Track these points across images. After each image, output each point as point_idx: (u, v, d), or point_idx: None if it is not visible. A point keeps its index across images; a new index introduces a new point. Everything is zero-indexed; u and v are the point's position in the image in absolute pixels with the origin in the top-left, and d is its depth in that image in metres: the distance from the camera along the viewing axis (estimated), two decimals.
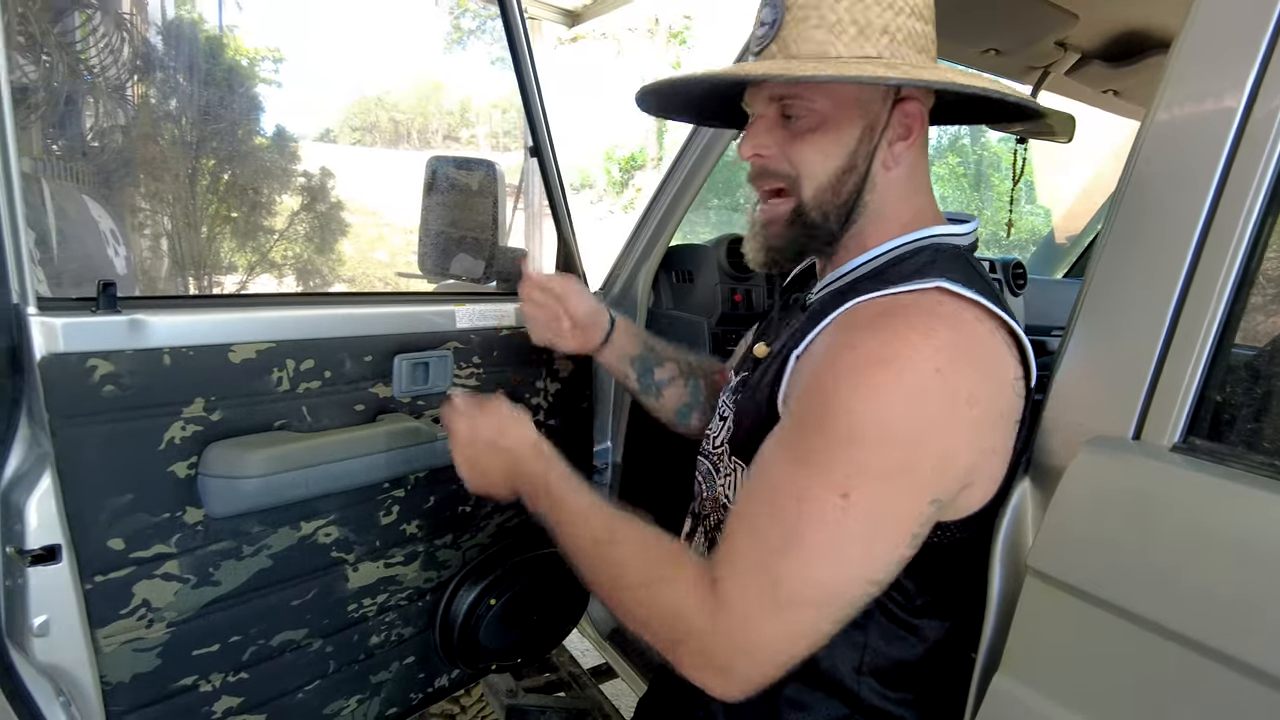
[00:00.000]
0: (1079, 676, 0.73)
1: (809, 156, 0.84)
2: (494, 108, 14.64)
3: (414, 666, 1.32)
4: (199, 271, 3.75)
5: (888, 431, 0.71)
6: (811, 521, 0.71)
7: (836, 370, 0.74)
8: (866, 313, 0.78)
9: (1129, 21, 1.50)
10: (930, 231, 0.85)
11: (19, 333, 0.85)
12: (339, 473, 1.07)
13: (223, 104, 4.09)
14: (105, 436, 0.91)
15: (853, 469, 0.70)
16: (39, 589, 0.89)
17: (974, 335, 0.76)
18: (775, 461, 0.77)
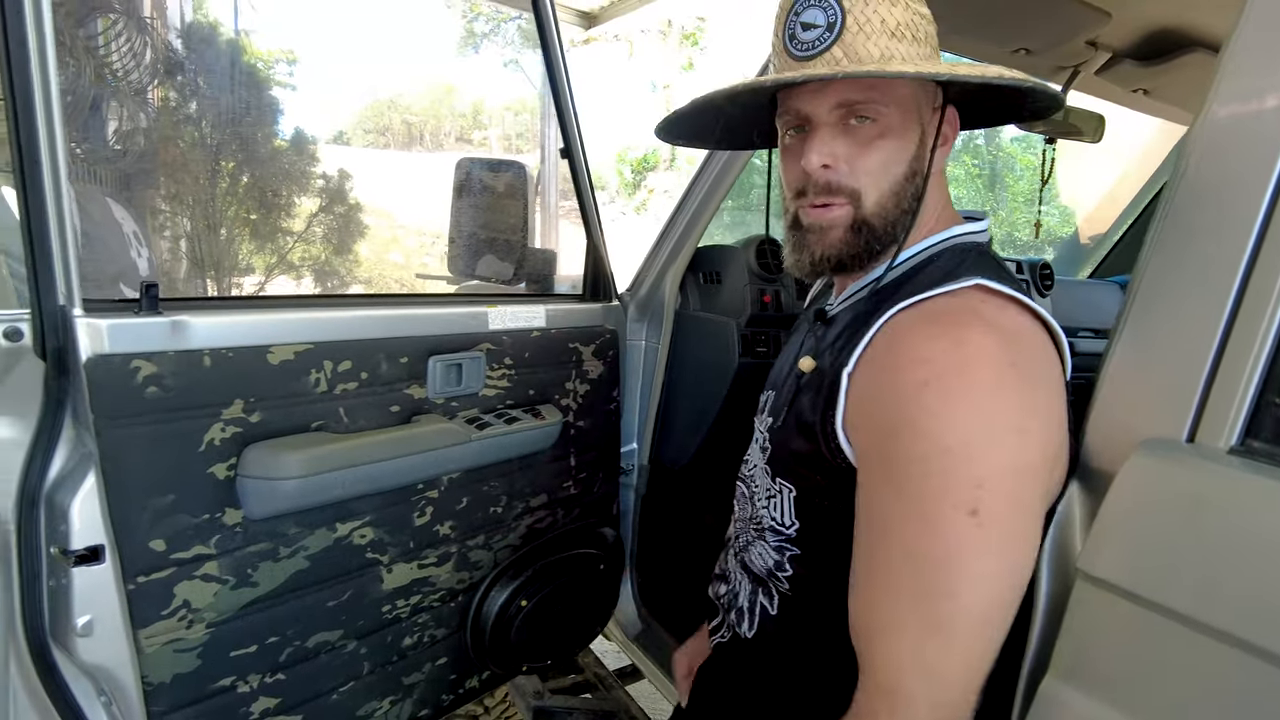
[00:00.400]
0: (1131, 680, 0.72)
1: (876, 164, 0.82)
2: (506, 110, 14.70)
3: (446, 668, 1.32)
4: (219, 273, 3.77)
5: (989, 435, 0.70)
6: (953, 550, 0.69)
7: (913, 390, 0.71)
8: (912, 321, 0.77)
9: (1161, 20, 1.48)
10: (953, 232, 0.85)
11: (65, 334, 0.86)
12: (376, 474, 1.07)
13: (241, 107, 4.11)
14: (148, 438, 0.91)
15: (970, 482, 0.69)
16: (83, 589, 0.90)
17: (1024, 328, 0.76)
18: (888, 509, 0.73)
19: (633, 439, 1.66)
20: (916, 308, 0.77)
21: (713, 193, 1.46)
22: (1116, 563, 0.73)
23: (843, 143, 0.82)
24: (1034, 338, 0.76)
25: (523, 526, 1.38)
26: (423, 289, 8.53)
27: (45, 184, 0.81)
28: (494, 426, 1.23)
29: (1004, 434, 0.70)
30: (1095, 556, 0.75)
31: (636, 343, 1.63)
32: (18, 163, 0.80)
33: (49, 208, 0.82)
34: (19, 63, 0.77)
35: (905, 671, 0.71)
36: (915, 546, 0.71)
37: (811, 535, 0.87)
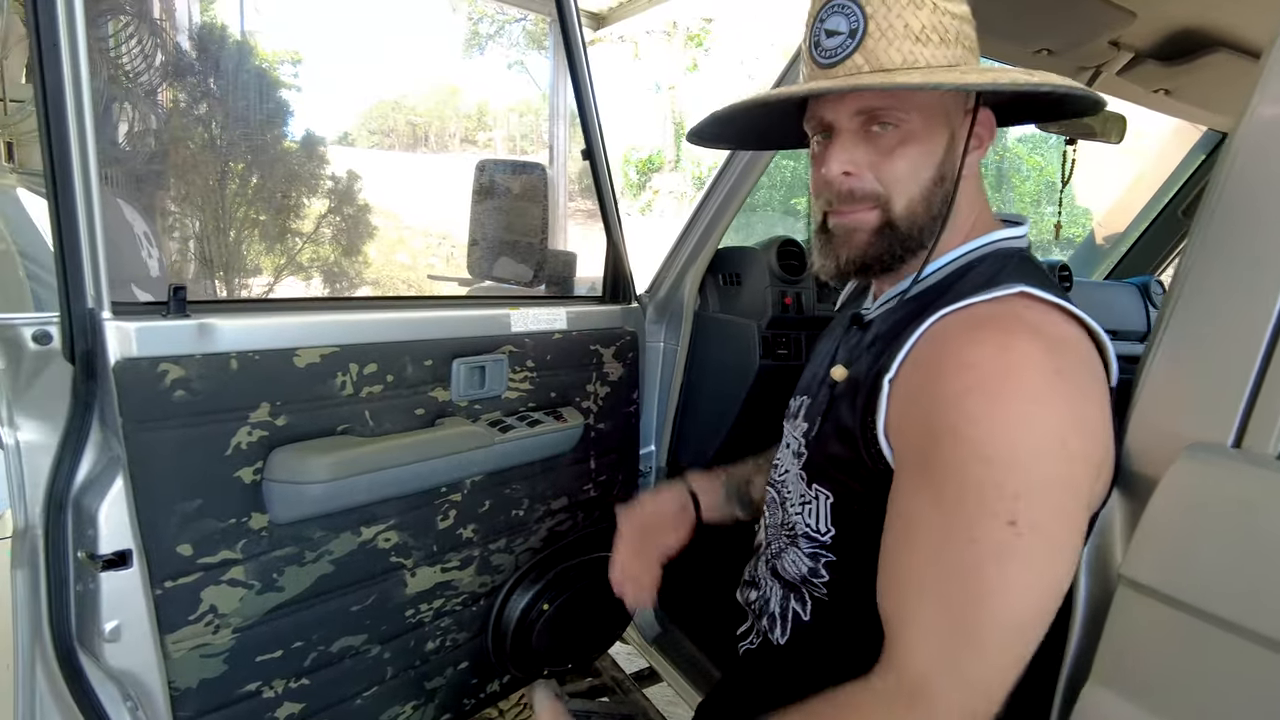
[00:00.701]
0: (1175, 687, 0.71)
1: (900, 171, 0.81)
2: (511, 111, 14.69)
3: (467, 672, 1.31)
4: (228, 274, 3.77)
5: (1032, 444, 0.69)
6: (990, 559, 0.68)
7: (956, 396, 0.71)
8: (955, 328, 0.76)
9: (1185, 19, 1.47)
10: (993, 237, 0.84)
11: (94, 337, 0.85)
12: (402, 477, 1.07)
13: (250, 108, 4.11)
14: (175, 441, 0.90)
15: (1010, 491, 0.68)
16: (110, 594, 0.89)
17: (1069, 335, 0.75)
18: (925, 516, 0.73)
19: (651, 441, 1.65)
20: (960, 314, 0.77)
21: (734, 194, 1.45)
22: (1161, 568, 0.72)
23: (865, 150, 0.81)
24: (1079, 345, 0.75)
25: (543, 529, 1.38)
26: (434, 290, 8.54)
27: (76, 187, 0.81)
28: (517, 429, 1.22)
29: (1047, 444, 0.69)
30: (1138, 562, 0.74)
31: (655, 344, 1.62)
32: (49, 166, 0.79)
33: (79, 210, 0.81)
34: (51, 64, 0.77)
35: (934, 674, 0.71)
36: (948, 554, 0.70)
37: (848, 541, 0.86)
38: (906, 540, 0.75)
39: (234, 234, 3.80)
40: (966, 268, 0.83)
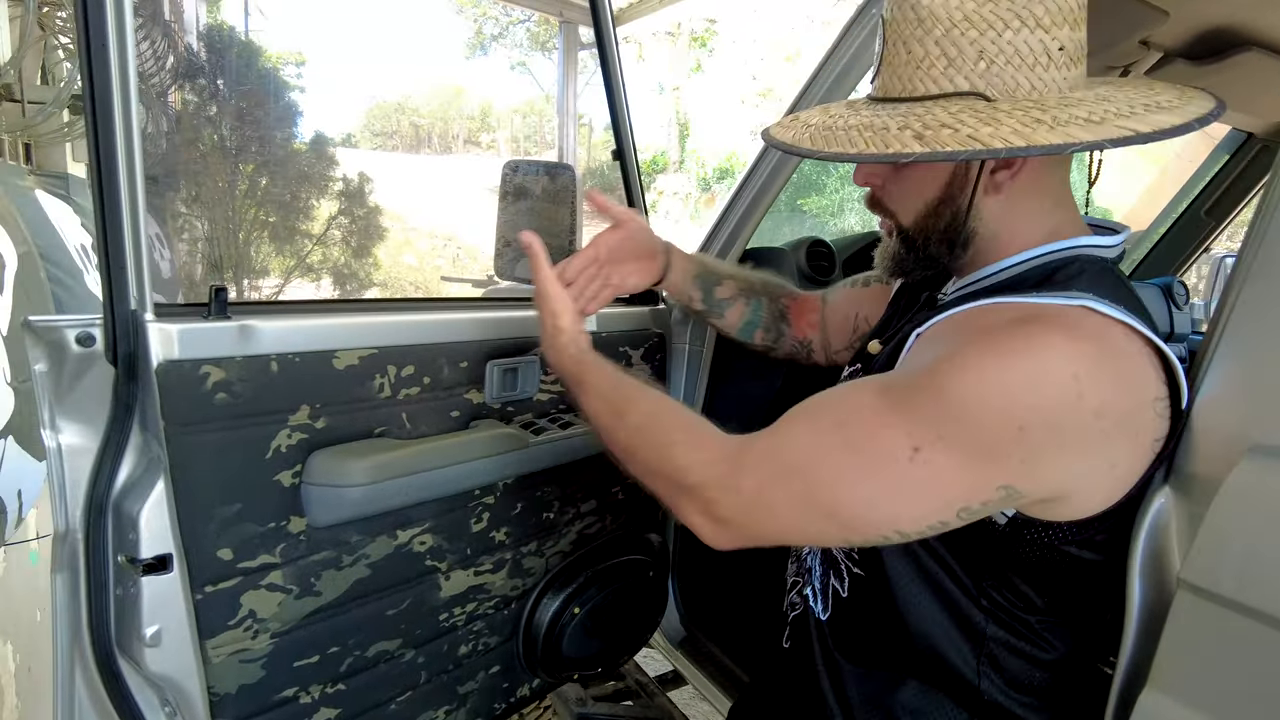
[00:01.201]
0: (1242, 694, 0.70)
1: (905, 191, 0.84)
2: (514, 113, 14.72)
3: (498, 676, 1.30)
4: (237, 274, 3.77)
5: (990, 414, 0.68)
6: (872, 456, 0.71)
7: (966, 345, 0.72)
8: (1006, 314, 0.75)
9: (1217, 18, 1.46)
10: (1076, 242, 0.82)
11: (136, 340, 0.85)
12: (439, 480, 1.06)
13: (259, 110, 4.11)
14: (216, 445, 0.90)
15: (938, 434, 0.69)
16: (151, 599, 0.88)
17: (1119, 351, 0.73)
18: (868, 391, 0.76)
19: None
20: (1016, 305, 0.76)
21: (763, 193, 1.44)
22: (1224, 572, 0.71)
23: (885, 167, 0.84)
24: (1129, 362, 0.73)
25: (573, 532, 1.37)
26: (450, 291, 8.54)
27: (121, 188, 0.80)
28: (549, 431, 1.21)
29: (999, 422, 0.68)
30: (1200, 566, 0.73)
31: (680, 346, 1.61)
32: (94, 166, 0.78)
33: (124, 212, 0.81)
34: (99, 64, 0.76)
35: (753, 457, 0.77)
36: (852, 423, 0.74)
37: None
38: (841, 393, 0.80)
39: (243, 235, 3.80)
40: (1044, 269, 0.82)
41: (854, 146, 0.74)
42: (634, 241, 1.17)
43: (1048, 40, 0.73)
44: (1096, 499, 0.75)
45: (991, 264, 0.84)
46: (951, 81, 0.74)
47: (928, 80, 0.75)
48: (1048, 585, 0.81)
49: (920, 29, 0.74)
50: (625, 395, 0.92)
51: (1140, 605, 0.80)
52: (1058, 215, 0.83)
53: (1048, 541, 0.77)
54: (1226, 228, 2.11)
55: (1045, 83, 0.74)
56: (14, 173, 2.08)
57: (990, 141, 0.68)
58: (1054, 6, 0.73)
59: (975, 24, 0.72)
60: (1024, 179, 0.81)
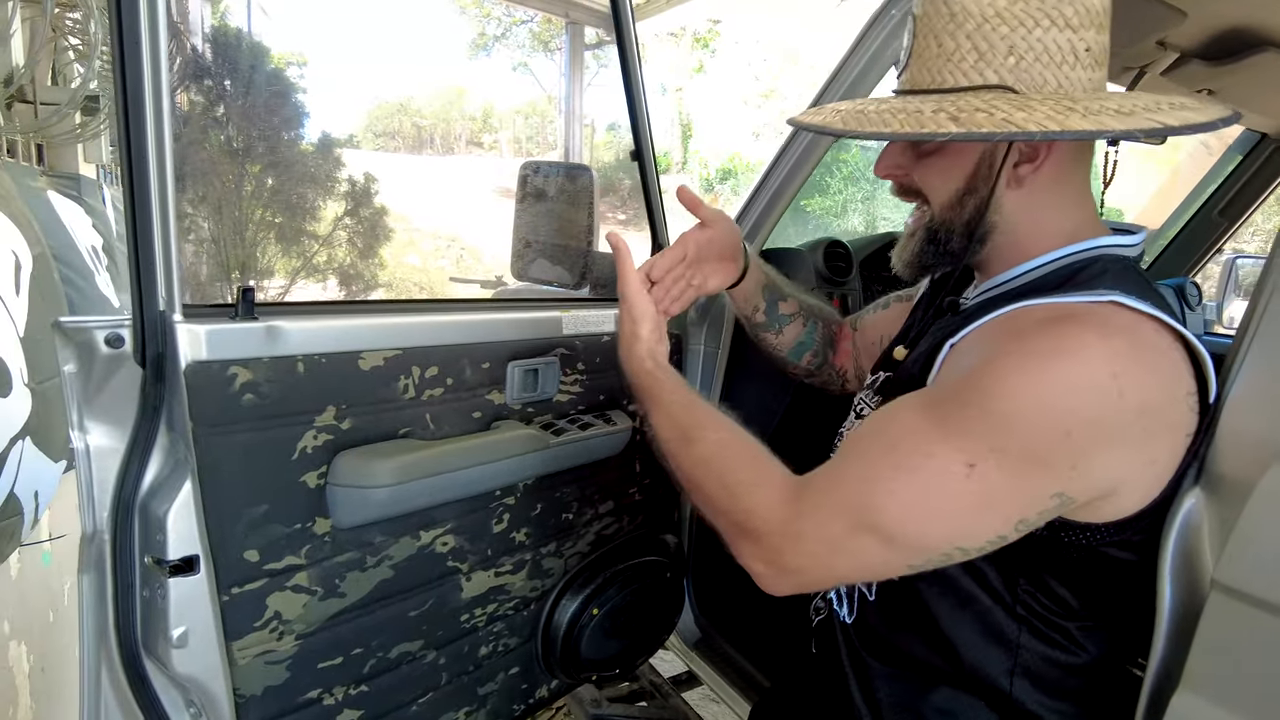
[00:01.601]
0: (1278, 696, 0.70)
1: (930, 178, 0.84)
2: (516, 114, 14.71)
3: (517, 677, 1.30)
4: (244, 275, 3.77)
5: (1039, 420, 0.69)
6: (928, 477, 0.71)
7: (1001, 353, 0.72)
8: (1035, 315, 0.76)
9: (1235, 19, 1.46)
10: (1097, 242, 0.82)
11: (164, 340, 0.84)
12: (462, 481, 1.06)
13: (264, 111, 4.11)
14: (244, 446, 0.89)
15: (989, 446, 0.69)
16: (178, 600, 0.88)
17: (1152, 345, 0.73)
18: (912, 412, 0.76)
19: None
20: (1045, 306, 0.76)
21: (780, 195, 1.44)
22: (1259, 575, 0.71)
23: (908, 154, 0.86)
24: (1163, 357, 0.73)
25: (591, 533, 1.37)
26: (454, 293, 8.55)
27: (152, 188, 0.80)
28: (570, 432, 1.21)
29: (1049, 428, 0.69)
30: (1235, 568, 0.73)
31: (695, 347, 1.61)
32: (125, 166, 0.78)
33: (154, 212, 0.80)
34: (132, 62, 0.76)
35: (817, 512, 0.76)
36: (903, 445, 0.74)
37: None
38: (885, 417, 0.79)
39: (250, 235, 3.80)
40: (1067, 270, 0.82)
41: (887, 126, 0.74)
42: (720, 243, 1.14)
43: (1075, 40, 0.75)
44: (1136, 497, 0.75)
45: (1014, 266, 0.85)
46: (981, 75, 0.75)
47: (957, 73, 0.76)
48: (1085, 587, 0.81)
49: (952, 23, 0.75)
50: (696, 420, 0.90)
51: (1171, 606, 0.80)
52: (1077, 215, 0.83)
53: (1086, 543, 0.77)
54: (1239, 228, 2.11)
55: (1072, 81, 0.75)
56: (27, 173, 2.08)
57: (1025, 125, 0.68)
58: (1082, 8, 0.74)
59: (1006, 20, 0.74)
60: (1046, 174, 0.81)
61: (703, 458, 0.87)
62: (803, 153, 1.39)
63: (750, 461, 0.84)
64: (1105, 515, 0.76)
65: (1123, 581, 0.82)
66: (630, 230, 5.20)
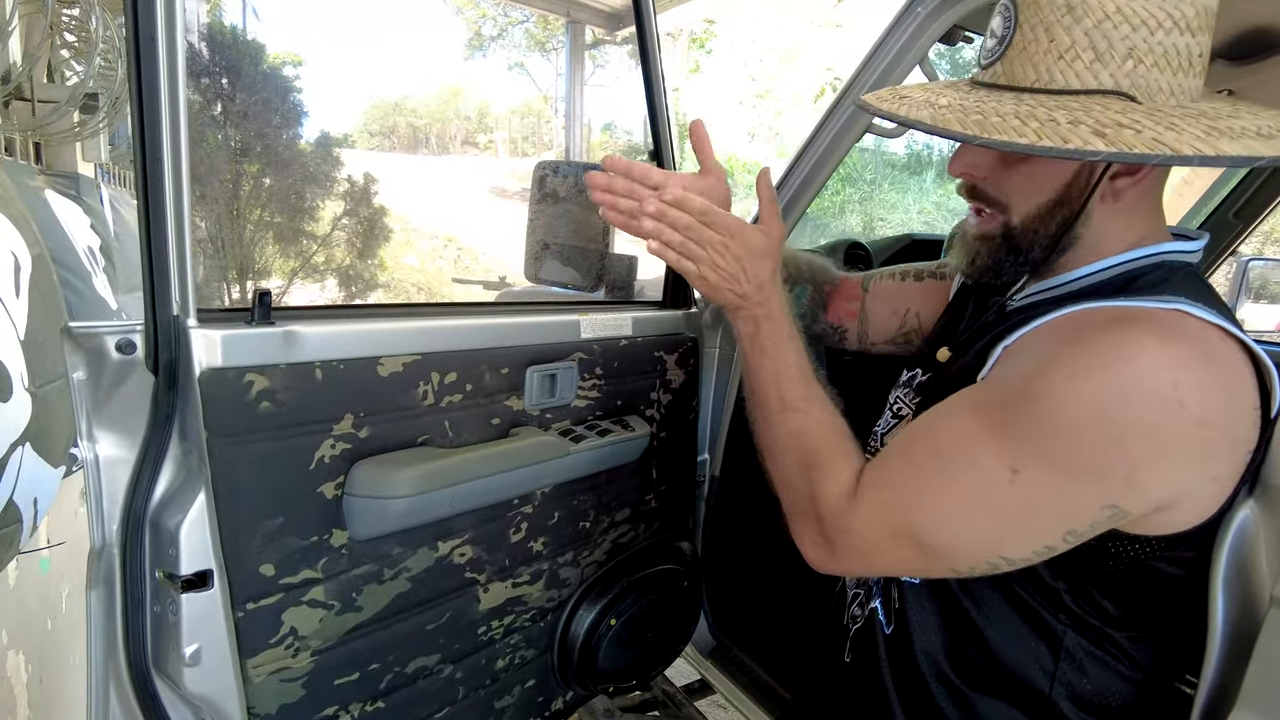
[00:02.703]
0: None
1: (1020, 186, 0.79)
2: (512, 114, 14.66)
3: (534, 690, 1.27)
4: (243, 277, 3.73)
5: (1091, 427, 0.66)
6: (972, 483, 0.70)
7: (1057, 356, 0.70)
8: (1099, 317, 0.73)
9: (1258, 18, 1.44)
10: (1163, 248, 0.79)
11: (178, 346, 0.81)
12: (482, 490, 1.03)
13: (262, 110, 4.07)
14: (259, 455, 0.86)
15: (1036, 453, 0.68)
16: (191, 616, 0.85)
17: (1219, 356, 0.71)
18: (961, 414, 0.75)
19: (704, 449, 1.61)
20: (1108, 309, 0.74)
21: (800, 196, 1.41)
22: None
23: (989, 156, 0.79)
24: (1230, 368, 0.70)
25: (608, 542, 1.33)
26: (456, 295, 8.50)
27: (166, 189, 0.76)
28: (588, 439, 1.18)
29: (1100, 437, 0.66)
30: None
31: (710, 349, 1.58)
32: (140, 166, 0.75)
33: (168, 213, 0.77)
34: (147, 59, 0.72)
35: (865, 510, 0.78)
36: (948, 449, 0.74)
37: None
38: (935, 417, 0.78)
39: (248, 235, 3.76)
40: (1130, 275, 0.79)
41: (1022, 136, 0.66)
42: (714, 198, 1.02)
43: (1193, 45, 0.69)
44: (1194, 513, 0.72)
45: (1073, 269, 0.81)
46: (1096, 77, 0.69)
47: (1069, 73, 0.70)
48: (1128, 599, 0.79)
49: (1069, 16, 0.69)
50: (806, 393, 0.89)
51: (1225, 622, 0.78)
52: (1152, 221, 0.81)
53: (1134, 555, 0.74)
54: (1254, 230, 2.09)
55: (1184, 89, 0.70)
56: (25, 172, 2.04)
57: (1178, 148, 0.63)
58: (1201, 8, 0.69)
59: (1129, 19, 0.68)
60: (1142, 187, 0.77)
61: (797, 430, 0.87)
62: (839, 132, 1.36)
63: (834, 448, 0.85)
64: (1158, 528, 0.73)
65: (1169, 596, 0.79)
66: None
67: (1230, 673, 0.77)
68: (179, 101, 0.75)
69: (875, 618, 0.93)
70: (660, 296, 1.44)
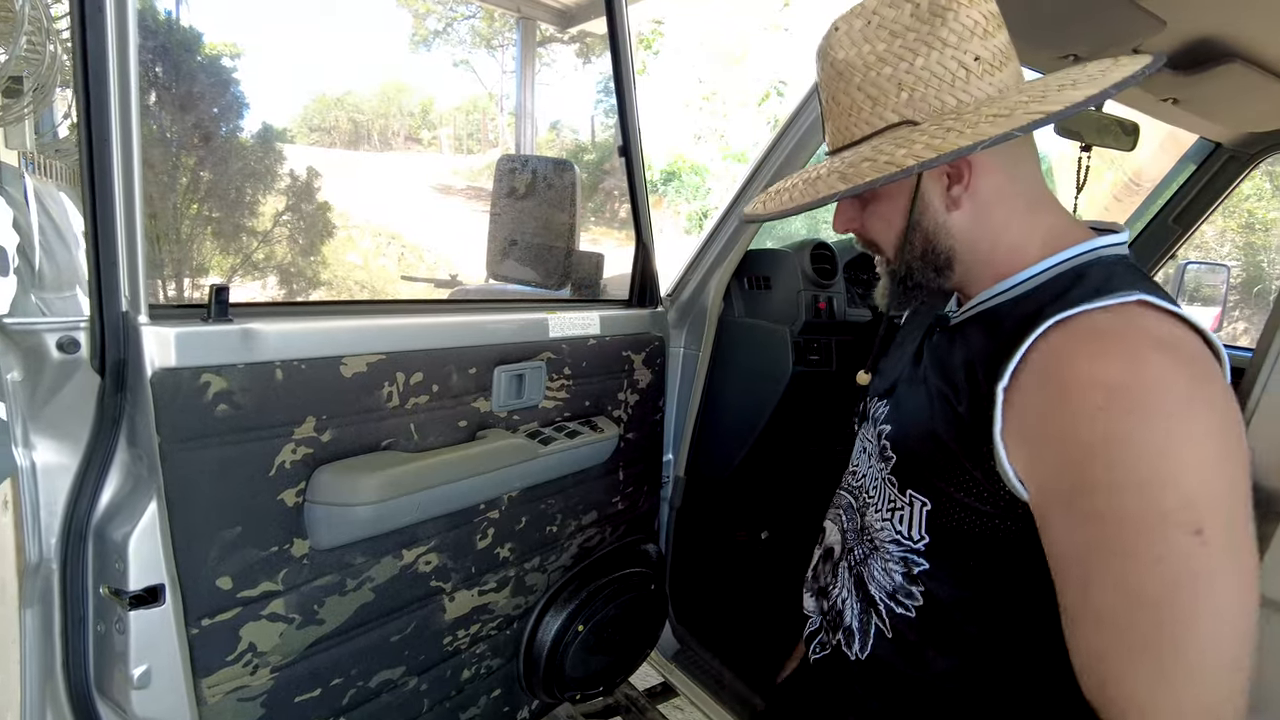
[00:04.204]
0: None
1: (875, 226, 0.86)
2: (457, 111, 14.44)
3: (500, 700, 1.23)
4: (178, 276, 3.58)
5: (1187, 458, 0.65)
6: (1180, 578, 0.63)
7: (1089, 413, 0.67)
8: (1075, 339, 0.72)
9: (1209, 29, 1.48)
10: (1091, 245, 0.80)
11: (127, 345, 0.75)
12: (450, 495, 0.99)
13: (199, 100, 3.90)
14: (217, 461, 0.81)
15: (1180, 504, 0.64)
16: (140, 635, 0.79)
17: (1194, 346, 0.72)
18: (1092, 548, 0.68)
19: (669, 450, 1.59)
20: (1078, 323, 0.73)
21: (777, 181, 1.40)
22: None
23: (853, 208, 0.87)
24: (1204, 356, 0.72)
25: (575, 546, 1.30)
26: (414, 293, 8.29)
27: (115, 174, 0.71)
28: (557, 441, 1.15)
29: (1202, 456, 0.65)
30: (1276, 581, 0.71)
31: (675, 349, 1.56)
32: (85, 150, 0.69)
33: (117, 201, 0.71)
34: (95, 38, 0.67)
35: None
36: (1132, 584, 0.65)
37: (944, 549, 0.83)
38: (1082, 578, 0.69)
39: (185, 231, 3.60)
40: (1074, 275, 0.79)
41: (792, 202, 0.78)
42: None
43: (961, 56, 0.74)
44: None
45: (997, 283, 0.82)
46: (881, 118, 0.76)
47: (860, 124, 0.78)
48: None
49: (841, 80, 0.78)
50: None
51: None
52: (1043, 218, 0.82)
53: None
54: (1192, 235, 2.16)
55: (972, 94, 0.75)
56: None
57: (904, 161, 0.69)
58: (959, 25, 0.74)
59: (888, 60, 0.75)
60: (982, 188, 0.80)
61: None
62: (794, 148, 1.35)
63: None
64: None
65: None
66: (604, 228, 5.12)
67: None
68: (129, 77, 0.69)
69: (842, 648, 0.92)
70: (626, 295, 1.41)
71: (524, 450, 1.08)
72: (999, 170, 0.80)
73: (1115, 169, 2.61)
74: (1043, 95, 0.71)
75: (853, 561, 0.94)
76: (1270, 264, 6.82)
